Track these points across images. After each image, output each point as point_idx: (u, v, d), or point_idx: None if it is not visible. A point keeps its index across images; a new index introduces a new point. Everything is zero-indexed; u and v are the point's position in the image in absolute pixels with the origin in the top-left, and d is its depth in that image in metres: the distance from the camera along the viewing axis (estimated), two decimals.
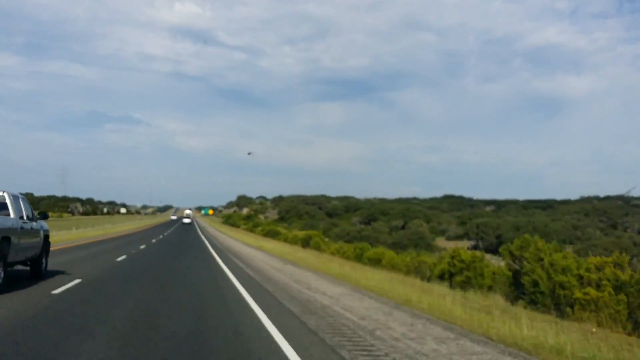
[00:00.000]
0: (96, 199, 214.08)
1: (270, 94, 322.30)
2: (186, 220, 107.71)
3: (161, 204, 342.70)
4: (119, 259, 22.28)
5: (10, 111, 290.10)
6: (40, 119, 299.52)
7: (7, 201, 12.52)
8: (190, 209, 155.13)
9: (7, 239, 11.56)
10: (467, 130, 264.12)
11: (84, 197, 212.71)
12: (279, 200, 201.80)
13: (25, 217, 13.06)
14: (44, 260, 14.61)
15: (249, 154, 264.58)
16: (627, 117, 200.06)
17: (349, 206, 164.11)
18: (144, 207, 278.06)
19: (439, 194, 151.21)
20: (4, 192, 12.71)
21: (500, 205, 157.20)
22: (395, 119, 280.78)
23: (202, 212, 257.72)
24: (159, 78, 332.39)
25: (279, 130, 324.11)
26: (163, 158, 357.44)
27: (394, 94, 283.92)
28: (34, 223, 13.79)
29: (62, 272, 15.38)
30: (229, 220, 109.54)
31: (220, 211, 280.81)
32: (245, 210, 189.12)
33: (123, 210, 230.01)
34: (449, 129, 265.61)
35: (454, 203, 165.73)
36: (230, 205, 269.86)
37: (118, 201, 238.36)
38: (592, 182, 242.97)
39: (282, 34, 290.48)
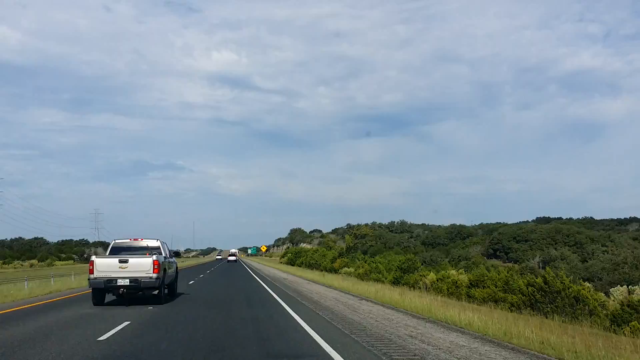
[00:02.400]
0: None
1: (307, 134, 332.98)
2: (231, 258, 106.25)
3: (204, 247, 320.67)
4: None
5: (59, 165, 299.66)
6: (88, 171, 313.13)
7: (160, 245, 19.93)
8: (234, 250, 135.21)
9: (163, 270, 18.49)
10: (506, 159, 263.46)
11: None
12: (351, 229, 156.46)
13: (168, 255, 20.38)
14: (176, 285, 22.28)
15: None
16: None
17: (452, 233, 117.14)
18: (187, 250, 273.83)
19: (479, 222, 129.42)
20: (157, 240, 20.26)
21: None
22: (433, 152, 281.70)
23: (250, 251, 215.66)
24: (199, 125, 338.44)
25: (317, 169, 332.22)
26: (206, 202, 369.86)
27: (429, 127, 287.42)
28: (172, 259, 21.55)
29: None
30: (303, 258, 64.91)
31: (267, 250, 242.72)
32: (301, 246, 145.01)
33: None
34: (487, 159, 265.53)
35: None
36: (279, 242, 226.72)
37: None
38: (636, 206, 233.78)
39: (316, 75, 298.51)
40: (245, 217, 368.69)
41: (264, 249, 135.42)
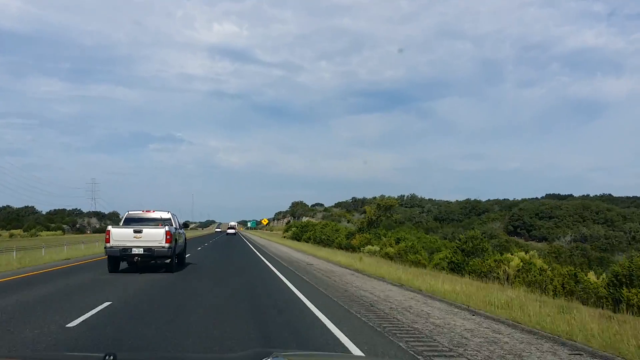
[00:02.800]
0: None
1: (308, 109, 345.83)
2: (230, 231, 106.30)
3: (204, 220, 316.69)
4: None
5: (59, 134, 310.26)
6: (88, 141, 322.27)
7: (171, 217, 21.10)
8: (234, 223, 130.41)
9: (175, 240, 19.41)
10: (507, 136, 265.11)
11: (123, 213, 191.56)
12: (355, 203, 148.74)
13: (178, 227, 21.46)
14: (184, 255, 23.95)
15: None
16: None
17: (466, 208, 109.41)
18: (186, 222, 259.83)
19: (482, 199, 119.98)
20: (169, 212, 21.45)
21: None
22: (434, 128, 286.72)
23: (249, 224, 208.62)
24: (199, 97, 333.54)
25: (318, 144, 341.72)
26: (205, 174, 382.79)
27: (431, 103, 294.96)
28: (181, 230, 22.94)
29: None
30: (311, 233, 57.06)
31: (268, 223, 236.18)
32: (303, 220, 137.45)
33: None
34: (488, 136, 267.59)
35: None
36: (279, 216, 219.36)
37: None
38: (636, 185, 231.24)
39: (318, 49, 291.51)
40: (245, 190, 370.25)
41: (265, 222, 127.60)
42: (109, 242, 18.71)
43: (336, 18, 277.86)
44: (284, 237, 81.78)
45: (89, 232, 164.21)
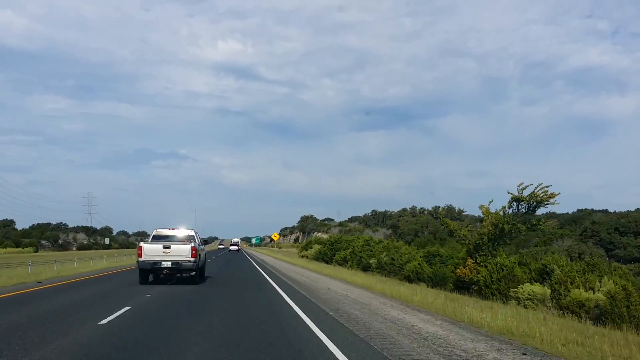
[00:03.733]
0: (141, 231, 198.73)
1: (312, 126, 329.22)
2: (233, 248, 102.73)
3: (206, 237, 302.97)
4: None
5: (64, 151, 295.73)
6: (92, 158, 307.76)
7: (194, 234, 23.11)
8: (237, 239, 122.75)
9: (198, 254, 21.50)
10: (511, 154, 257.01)
11: (119, 229, 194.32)
12: (376, 217, 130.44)
13: (200, 243, 23.27)
14: (204, 269, 25.19)
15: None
16: None
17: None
18: None
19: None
20: (191, 229, 23.51)
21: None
22: (438, 146, 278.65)
23: (253, 241, 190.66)
24: (204, 114, 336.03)
25: (321, 161, 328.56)
26: (208, 191, 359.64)
27: (435, 121, 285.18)
28: (202, 247, 24.70)
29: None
30: (346, 253, 39.02)
31: (272, 240, 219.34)
32: (317, 236, 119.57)
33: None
34: (492, 154, 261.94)
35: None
36: (286, 231, 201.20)
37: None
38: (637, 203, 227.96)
39: (322, 66, 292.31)
40: (248, 207, 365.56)
41: (275, 237, 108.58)
42: (141, 257, 21.04)
43: (340, 36, 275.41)
44: (303, 256, 63.42)
45: (74, 248, 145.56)
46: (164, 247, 20.83)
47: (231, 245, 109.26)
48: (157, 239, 22.57)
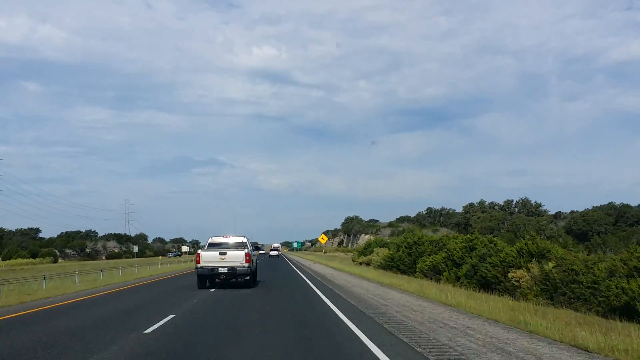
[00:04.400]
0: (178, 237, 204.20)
1: (348, 129, 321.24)
2: (273, 253, 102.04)
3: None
4: None
5: (105, 161, 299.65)
6: (132, 167, 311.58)
7: (246, 240, 25.26)
8: (277, 244, 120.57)
9: (252, 260, 23.83)
10: (551, 151, 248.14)
11: (156, 236, 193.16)
12: (432, 215, 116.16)
13: (252, 249, 25.60)
14: (256, 273, 26.74)
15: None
16: None
17: (611, 216, 75.51)
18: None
19: None
20: (244, 236, 25.56)
21: None
22: (475, 145, 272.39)
23: (295, 245, 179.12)
24: (240, 120, 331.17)
25: (358, 164, 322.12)
26: (247, 197, 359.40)
27: (472, 120, 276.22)
28: (254, 252, 26.18)
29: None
30: (435, 260, 26.76)
31: (313, 244, 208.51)
32: (364, 238, 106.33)
33: (181, 249, 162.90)
34: (532, 152, 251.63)
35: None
36: (328, 235, 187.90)
37: (203, 241, 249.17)
38: None
39: (356, 68, 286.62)
40: (286, 211, 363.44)
41: (323, 239, 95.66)
42: (199, 263, 23.16)
43: (374, 37, 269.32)
44: (361, 263, 50.27)
45: (103, 257, 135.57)
46: (220, 254, 23.13)
47: (271, 250, 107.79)
48: (213, 246, 24.90)
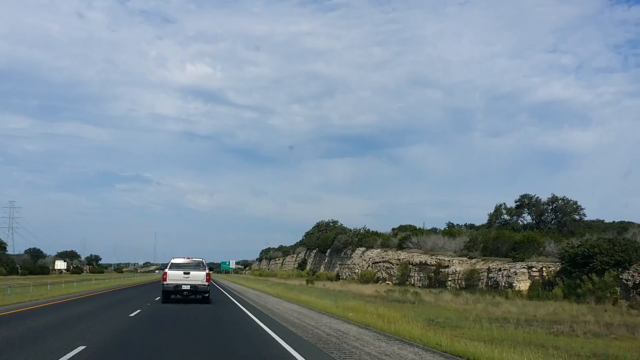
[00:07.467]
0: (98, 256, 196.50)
1: (279, 152, 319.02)
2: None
3: (167, 262, 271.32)
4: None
5: (24, 172, 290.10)
6: (53, 180, 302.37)
7: (203, 261, 28.54)
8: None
9: (208, 281, 27.83)
10: (475, 184, 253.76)
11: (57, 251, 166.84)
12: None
13: (208, 270, 28.78)
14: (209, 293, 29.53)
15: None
16: (635, 169, 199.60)
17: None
18: (146, 264, 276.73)
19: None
20: (202, 258, 28.89)
21: None
22: (404, 175, 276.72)
23: (221, 267, 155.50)
24: (170, 138, 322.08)
25: (288, 187, 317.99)
26: (172, 216, 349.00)
27: (402, 150, 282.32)
28: (209, 272, 28.84)
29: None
30: None
31: (242, 268, 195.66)
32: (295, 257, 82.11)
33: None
34: (457, 184, 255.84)
35: None
36: (277, 254, 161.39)
37: (121, 261, 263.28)
38: None
39: (291, 92, 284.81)
40: (212, 232, 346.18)
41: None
42: (166, 280, 27.18)
43: (310, 63, 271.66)
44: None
45: None
46: (185, 273, 27.15)
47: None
48: (176, 266, 27.92)
